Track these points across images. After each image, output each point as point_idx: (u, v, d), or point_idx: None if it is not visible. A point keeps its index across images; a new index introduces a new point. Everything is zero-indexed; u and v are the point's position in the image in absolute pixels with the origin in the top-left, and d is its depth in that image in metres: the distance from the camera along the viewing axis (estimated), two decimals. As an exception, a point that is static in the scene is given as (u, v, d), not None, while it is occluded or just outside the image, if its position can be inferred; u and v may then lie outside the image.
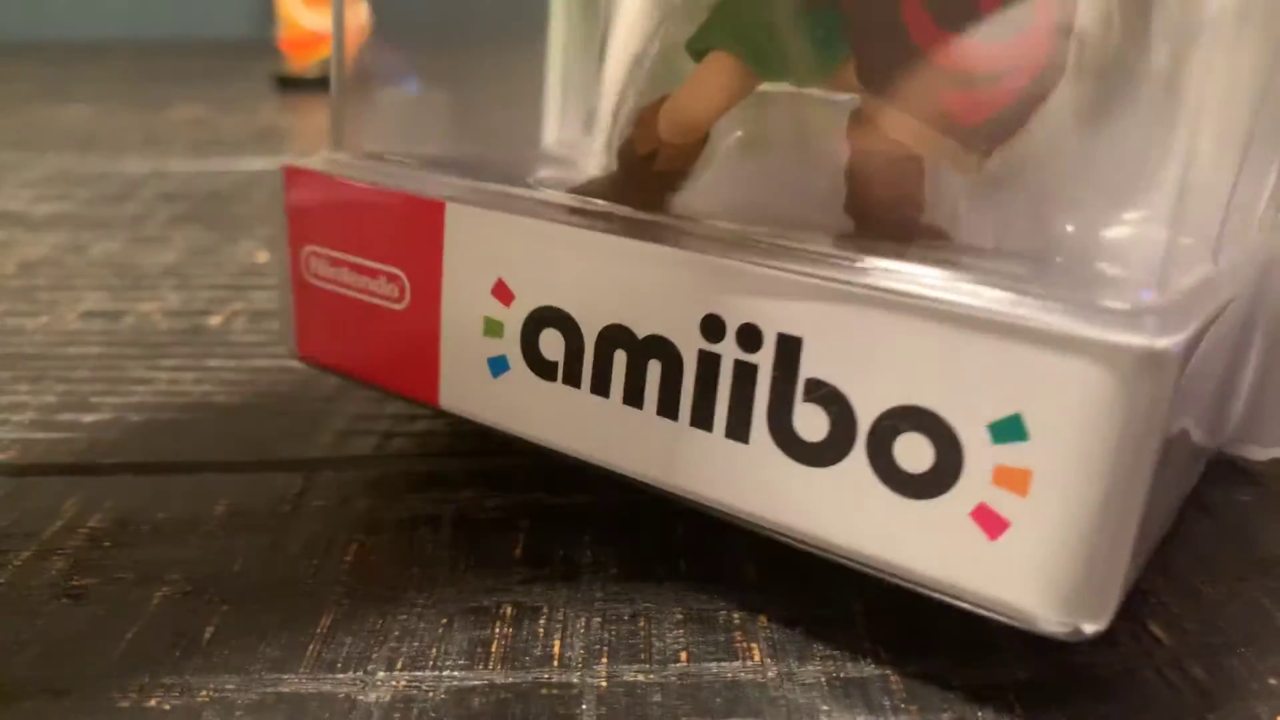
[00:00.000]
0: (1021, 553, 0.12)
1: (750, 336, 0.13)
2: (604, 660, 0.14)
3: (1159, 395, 0.11)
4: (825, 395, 0.13)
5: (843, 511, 0.13)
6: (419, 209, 0.16)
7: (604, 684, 0.13)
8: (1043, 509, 0.11)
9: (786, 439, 0.13)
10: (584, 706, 0.13)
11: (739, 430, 0.14)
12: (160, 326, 0.25)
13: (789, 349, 0.13)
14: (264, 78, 0.69)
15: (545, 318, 0.15)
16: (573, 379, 0.15)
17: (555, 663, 0.14)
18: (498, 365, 0.16)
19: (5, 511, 0.17)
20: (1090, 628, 0.12)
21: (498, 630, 0.14)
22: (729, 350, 0.13)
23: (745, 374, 0.13)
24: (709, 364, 0.14)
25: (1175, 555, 0.16)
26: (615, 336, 0.14)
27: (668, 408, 0.14)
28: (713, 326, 0.13)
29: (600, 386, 0.15)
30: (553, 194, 0.16)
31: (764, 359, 0.13)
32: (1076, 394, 0.11)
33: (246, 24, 0.99)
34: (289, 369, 0.23)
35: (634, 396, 0.14)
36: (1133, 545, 0.12)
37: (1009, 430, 0.11)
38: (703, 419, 0.14)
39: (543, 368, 0.15)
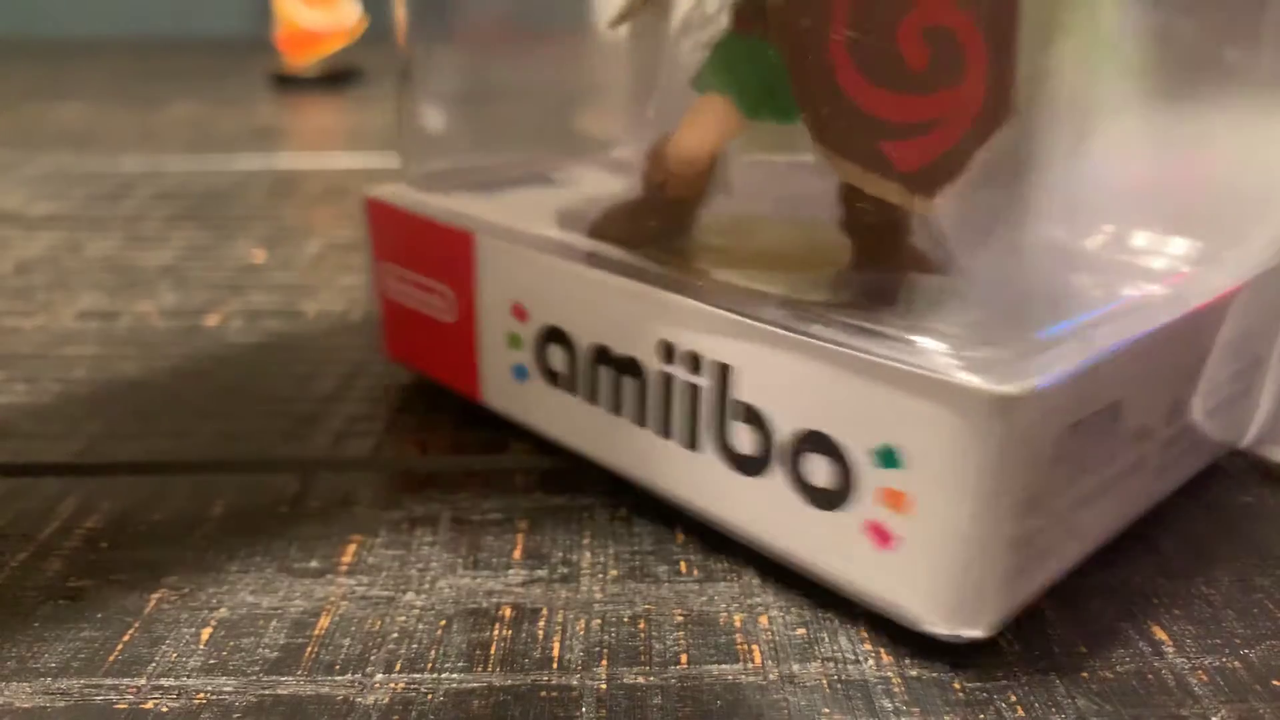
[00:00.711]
0: (907, 564, 0.13)
1: (693, 361, 0.15)
2: (604, 662, 0.14)
3: (1015, 437, 0.12)
4: (751, 415, 0.15)
5: (770, 516, 0.15)
6: (456, 239, 0.19)
7: (604, 686, 0.13)
8: (921, 528, 0.13)
9: (725, 451, 0.15)
10: (584, 709, 0.13)
11: (691, 440, 0.16)
12: (157, 326, 0.25)
13: (722, 374, 0.15)
14: (261, 76, 0.69)
15: (551, 335, 0.17)
16: (573, 388, 0.17)
17: (555, 665, 0.13)
18: (520, 372, 0.18)
19: (1, 512, 0.17)
20: (970, 634, 0.13)
21: (496, 632, 0.14)
22: (680, 372, 0.15)
23: (694, 394, 0.15)
24: (666, 382, 0.16)
25: (1176, 555, 0.16)
26: (600, 354, 0.17)
27: (640, 418, 0.16)
28: (667, 350, 0.16)
29: (591, 396, 0.17)
30: (557, 229, 0.18)
31: (705, 381, 0.15)
32: (938, 431, 0.12)
33: (244, 22, 0.99)
34: (286, 369, 0.23)
35: (616, 406, 0.17)
36: (1009, 565, 0.13)
37: (888, 457, 0.13)
38: (664, 429, 0.16)
39: (551, 377, 0.18)
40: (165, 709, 0.13)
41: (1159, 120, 0.15)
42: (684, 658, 0.14)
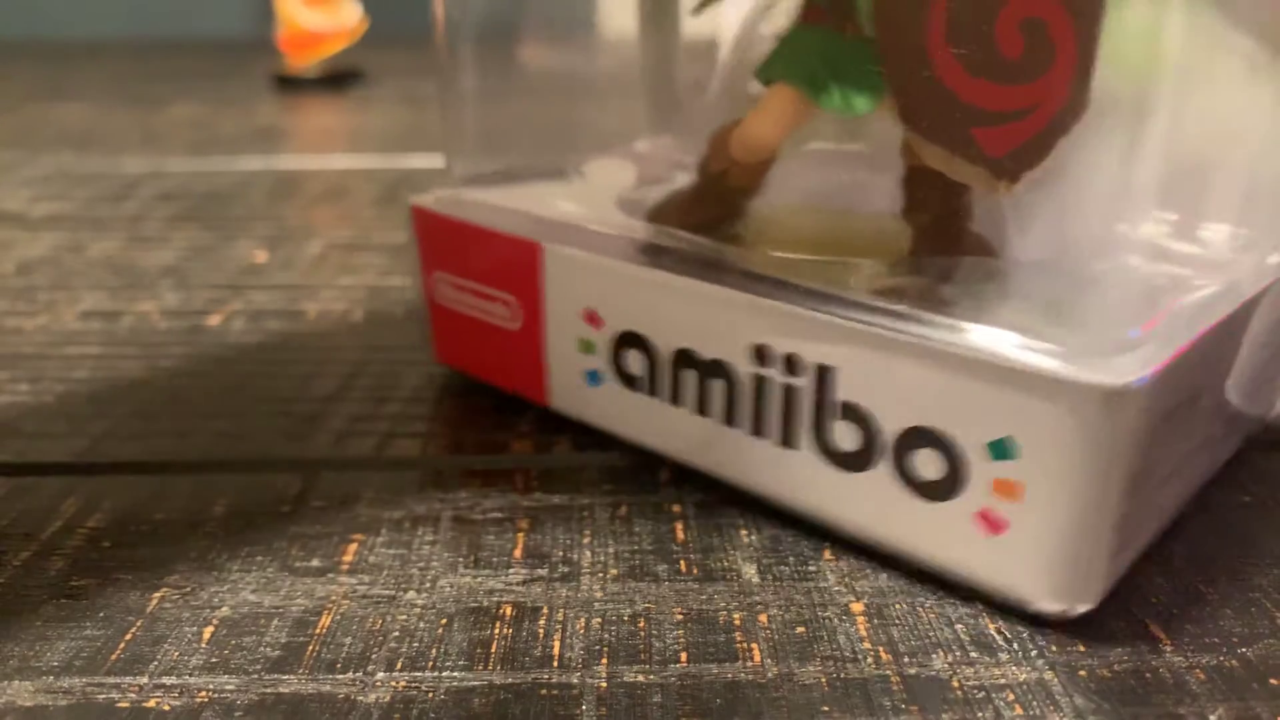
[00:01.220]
0: (1018, 548, 0.14)
1: (793, 364, 0.15)
2: (604, 661, 0.14)
3: (1123, 426, 0.13)
4: (853, 414, 0.15)
5: (874, 509, 0.15)
6: (521, 248, 0.19)
7: (604, 684, 0.13)
8: (1033, 514, 0.14)
9: (827, 449, 0.15)
10: (584, 707, 0.13)
11: (789, 439, 0.16)
12: (159, 326, 0.25)
13: (825, 376, 0.15)
14: (262, 77, 0.69)
15: (628, 340, 0.18)
16: (654, 391, 0.18)
17: (555, 663, 0.14)
18: (594, 377, 0.18)
19: (4, 511, 0.17)
20: (1080, 608, 0.14)
21: (497, 631, 0.14)
22: (776, 375, 0.16)
23: (791, 394, 0.16)
24: (761, 385, 0.16)
25: (1175, 555, 0.16)
26: (685, 359, 0.17)
27: (731, 419, 0.16)
28: (762, 354, 0.16)
29: (676, 399, 0.17)
30: (632, 231, 0.18)
31: (805, 383, 0.15)
32: (1053, 423, 0.13)
33: (245, 23, 0.99)
34: (288, 369, 0.23)
35: (704, 408, 0.17)
36: (1113, 542, 0.14)
37: (1003, 449, 0.14)
38: (759, 429, 0.16)
39: (629, 381, 0.18)
40: (167, 707, 0.13)
41: (1211, 110, 0.16)
42: (684, 656, 0.14)
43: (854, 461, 0.15)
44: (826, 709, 0.13)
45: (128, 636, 0.14)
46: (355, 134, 0.52)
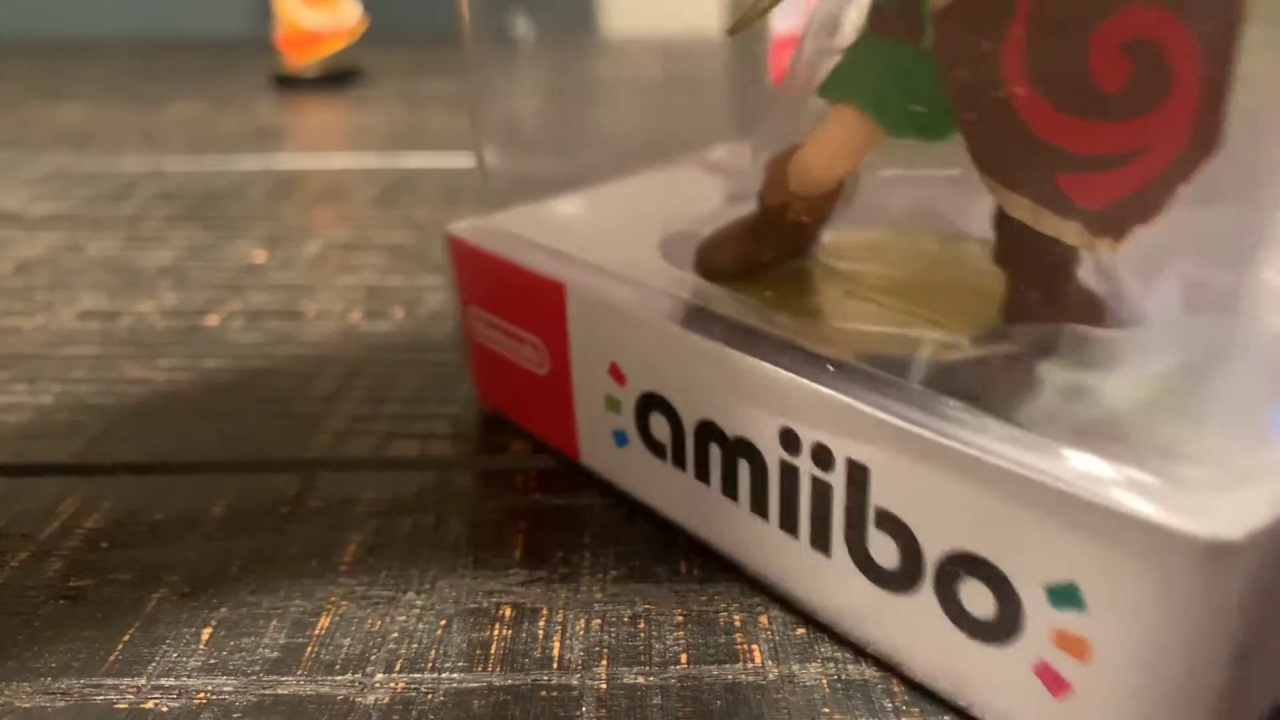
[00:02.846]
0: (1087, 718, 0.11)
1: (823, 456, 0.13)
2: (604, 662, 0.14)
3: (1225, 587, 0.10)
4: (893, 525, 0.13)
5: (916, 640, 0.13)
6: (546, 287, 0.17)
7: (604, 686, 0.13)
8: (1104, 681, 0.11)
9: (863, 560, 0.13)
10: (584, 709, 0.13)
11: (821, 542, 0.14)
12: (157, 326, 0.25)
13: (858, 475, 0.13)
14: (262, 76, 0.69)
15: (652, 402, 0.16)
16: (679, 462, 0.16)
17: (555, 665, 0.13)
18: (620, 437, 0.17)
19: (2, 512, 0.17)
20: None
21: (497, 632, 0.14)
22: (805, 465, 0.13)
23: (821, 491, 0.13)
24: (789, 474, 0.14)
25: None
26: (709, 431, 0.15)
27: (759, 507, 0.14)
28: (790, 439, 0.14)
29: (702, 474, 0.15)
30: (663, 280, 0.16)
31: (837, 480, 0.13)
32: (1133, 576, 0.10)
33: (244, 22, 0.99)
34: (287, 369, 0.23)
35: (730, 490, 0.15)
36: None
37: (1066, 597, 0.11)
38: (789, 525, 0.14)
39: (655, 447, 0.16)
40: (165, 709, 0.13)
41: None
42: (684, 657, 0.14)
43: (894, 581, 0.13)
44: (828, 711, 0.13)
45: (126, 637, 0.14)
46: (354, 133, 0.52)
